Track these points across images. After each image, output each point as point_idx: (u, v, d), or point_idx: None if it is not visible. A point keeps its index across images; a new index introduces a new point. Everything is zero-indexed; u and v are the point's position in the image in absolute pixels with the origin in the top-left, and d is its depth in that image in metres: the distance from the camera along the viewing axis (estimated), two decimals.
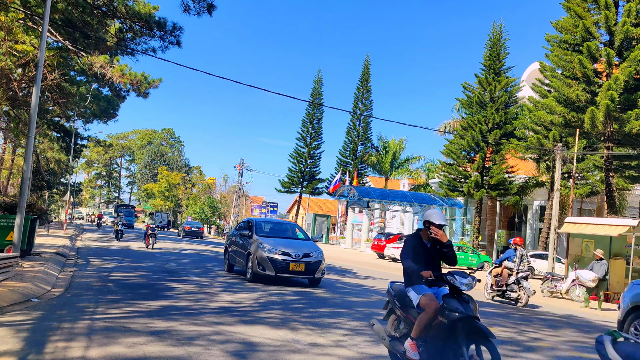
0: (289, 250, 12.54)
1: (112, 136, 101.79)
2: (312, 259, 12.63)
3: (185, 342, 6.09)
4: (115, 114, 27.47)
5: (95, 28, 16.90)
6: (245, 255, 13.25)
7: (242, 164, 60.80)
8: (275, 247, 12.59)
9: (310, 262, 12.54)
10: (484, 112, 33.77)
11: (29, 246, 14.34)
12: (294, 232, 14.74)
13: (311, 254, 12.69)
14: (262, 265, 12.35)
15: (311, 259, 12.61)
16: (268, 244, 12.67)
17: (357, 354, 6.23)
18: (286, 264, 12.32)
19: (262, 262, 12.36)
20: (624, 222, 17.25)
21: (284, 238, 13.60)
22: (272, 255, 12.36)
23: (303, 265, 12.43)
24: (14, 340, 5.69)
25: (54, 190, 49.59)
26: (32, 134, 12.67)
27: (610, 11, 23.09)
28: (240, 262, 13.86)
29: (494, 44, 34.64)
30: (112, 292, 9.72)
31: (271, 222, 15.68)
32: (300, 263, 12.43)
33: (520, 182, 33.08)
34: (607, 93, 21.75)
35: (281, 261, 12.30)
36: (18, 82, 17.69)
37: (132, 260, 16.92)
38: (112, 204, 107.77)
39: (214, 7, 15.03)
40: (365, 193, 39.40)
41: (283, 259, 12.33)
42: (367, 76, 54.28)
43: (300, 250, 12.63)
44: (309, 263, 12.54)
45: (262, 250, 12.49)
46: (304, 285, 13.52)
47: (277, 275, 12.28)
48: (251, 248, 12.88)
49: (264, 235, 13.34)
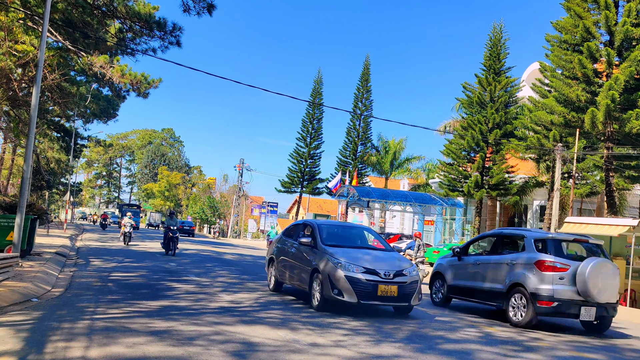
0: (374, 266, 9.09)
1: (112, 136, 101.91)
2: (406, 278, 9.15)
3: (185, 342, 6.09)
4: (115, 114, 27.51)
5: (95, 28, 16.90)
6: (309, 272, 9.70)
7: (242, 164, 60.85)
8: (354, 261, 9.10)
9: (404, 284, 9.08)
10: (484, 112, 33.76)
11: (29, 246, 14.34)
12: (367, 238, 11.45)
13: (404, 270, 9.26)
14: (338, 287, 8.83)
15: (405, 278, 9.15)
16: (343, 257, 9.18)
17: (357, 354, 6.23)
18: (373, 287, 8.80)
19: (337, 283, 8.84)
20: (624, 222, 17.24)
21: (360, 248, 10.15)
22: (353, 273, 8.86)
23: (396, 289, 8.93)
24: (14, 340, 5.69)
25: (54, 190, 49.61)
26: (32, 134, 12.67)
27: (610, 11, 23.08)
28: (294, 279, 10.44)
29: (494, 44, 34.62)
30: (112, 292, 9.72)
31: (337, 226, 11.60)
32: (391, 285, 8.92)
33: (520, 182, 33.07)
34: (607, 93, 21.74)
35: (366, 283, 8.79)
36: (18, 82, 17.68)
37: (132, 260, 16.92)
38: (112, 203, 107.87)
39: (214, 7, 15.04)
40: (365, 193, 39.39)
41: (368, 279, 8.83)
42: (367, 76, 54.28)
43: (390, 266, 9.22)
44: (403, 285, 9.07)
45: (337, 266, 9.00)
46: None
47: (360, 302, 8.77)
48: (319, 263, 9.38)
49: (332, 245, 9.82)
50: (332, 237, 10.36)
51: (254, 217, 66.44)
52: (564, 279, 9.28)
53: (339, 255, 9.27)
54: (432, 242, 38.45)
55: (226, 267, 17.18)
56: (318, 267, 9.34)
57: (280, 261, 11.15)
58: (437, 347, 7.09)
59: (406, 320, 9.10)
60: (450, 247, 27.79)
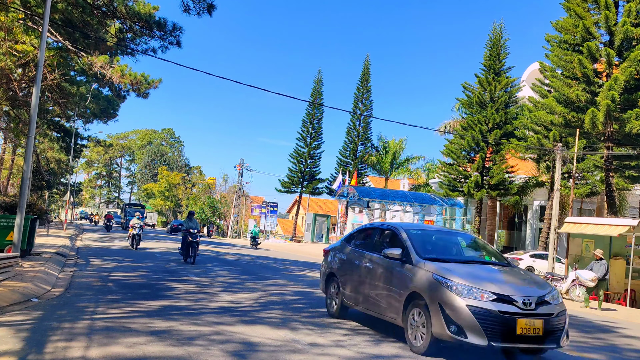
0: (505, 290, 6.28)
1: (112, 136, 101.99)
2: (551, 308, 6.32)
3: (185, 342, 6.09)
4: (115, 114, 27.53)
5: (95, 28, 16.92)
6: (402, 297, 6.89)
7: (242, 164, 60.84)
8: (477, 283, 6.31)
9: (550, 317, 6.23)
10: (484, 112, 33.77)
11: (29, 246, 14.34)
12: (475, 248, 8.26)
13: (546, 296, 6.39)
14: (457, 323, 6.06)
15: (550, 308, 6.31)
16: (458, 277, 6.40)
17: (357, 354, 6.23)
18: (510, 323, 6.00)
19: (456, 316, 6.08)
20: (624, 222, 17.24)
21: (473, 263, 7.24)
22: (478, 302, 6.09)
23: (540, 324, 6.09)
24: (14, 340, 5.69)
25: (54, 190, 49.65)
26: (32, 134, 12.67)
27: (610, 11, 23.08)
28: (375, 305, 7.55)
29: (494, 44, 34.64)
30: (112, 292, 9.72)
31: (432, 231, 8.46)
32: (534, 318, 6.11)
33: (520, 182, 33.08)
34: (607, 93, 21.75)
35: (498, 316, 6.01)
36: (18, 82, 17.69)
37: (132, 260, 16.92)
38: (112, 203, 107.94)
39: (214, 7, 15.05)
40: (365, 193, 39.40)
41: (501, 310, 6.04)
42: (367, 76, 54.29)
43: (527, 291, 6.41)
44: (549, 318, 6.22)
45: (451, 290, 6.25)
46: (304, 284, 13.45)
47: (490, 344, 5.93)
48: (419, 285, 6.66)
49: (435, 259, 7.00)
50: (431, 248, 7.53)
51: (254, 217, 66.43)
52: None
53: (451, 274, 6.42)
54: None
55: (226, 267, 17.17)
56: (419, 291, 6.57)
57: (348, 279, 8.34)
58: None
59: None
60: None
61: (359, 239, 8.81)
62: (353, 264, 8.34)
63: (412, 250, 7.15)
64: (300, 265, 21.12)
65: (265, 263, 20.76)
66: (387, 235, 8.09)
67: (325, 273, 9.26)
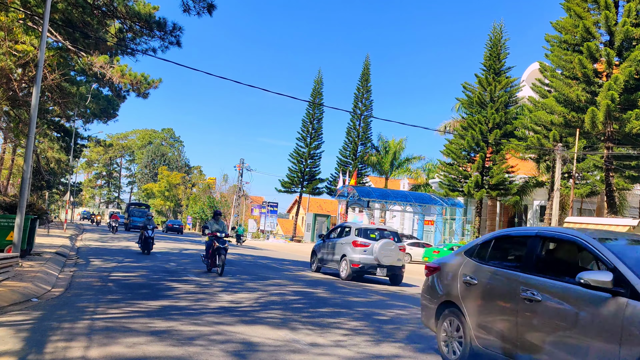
0: None
1: (112, 136, 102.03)
2: None
3: (185, 342, 6.09)
4: (115, 114, 27.56)
5: (95, 28, 16.92)
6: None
7: (242, 164, 60.87)
8: None
9: None
10: (484, 112, 33.77)
11: (29, 246, 14.34)
12: None
13: None
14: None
15: None
16: None
17: (357, 354, 6.23)
18: None
19: None
20: (624, 222, 17.26)
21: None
22: None
23: None
24: (14, 340, 5.69)
25: (54, 190, 49.62)
26: (32, 134, 12.67)
27: (610, 11, 23.09)
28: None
29: (494, 44, 34.64)
30: (112, 292, 9.72)
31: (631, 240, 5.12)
32: None
33: (521, 182, 33.09)
34: (607, 93, 21.75)
35: None
36: (18, 82, 17.69)
37: (132, 260, 16.92)
38: (112, 203, 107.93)
39: (214, 7, 15.05)
40: (366, 193, 39.40)
41: None
42: (367, 76, 54.29)
43: None
44: None
45: None
46: (304, 284, 13.48)
47: None
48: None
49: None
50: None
51: (254, 217, 66.48)
52: (366, 251, 15.00)
53: None
54: (432, 242, 38.45)
55: (226, 267, 17.16)
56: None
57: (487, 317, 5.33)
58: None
59: (405, 320, 9.09)
60: (450, 247, 27.89)
61: (498, 251, 5.74)
62: (496, 293, 5.29)
63: (626, 272, 4.16)
64: (300, 265, 21.11)
65: (265, 263, 20.76)
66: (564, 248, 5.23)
67: (433, 300, 6.21)
